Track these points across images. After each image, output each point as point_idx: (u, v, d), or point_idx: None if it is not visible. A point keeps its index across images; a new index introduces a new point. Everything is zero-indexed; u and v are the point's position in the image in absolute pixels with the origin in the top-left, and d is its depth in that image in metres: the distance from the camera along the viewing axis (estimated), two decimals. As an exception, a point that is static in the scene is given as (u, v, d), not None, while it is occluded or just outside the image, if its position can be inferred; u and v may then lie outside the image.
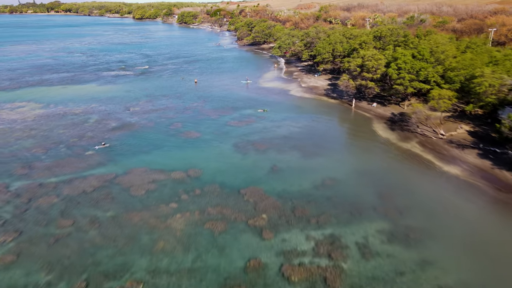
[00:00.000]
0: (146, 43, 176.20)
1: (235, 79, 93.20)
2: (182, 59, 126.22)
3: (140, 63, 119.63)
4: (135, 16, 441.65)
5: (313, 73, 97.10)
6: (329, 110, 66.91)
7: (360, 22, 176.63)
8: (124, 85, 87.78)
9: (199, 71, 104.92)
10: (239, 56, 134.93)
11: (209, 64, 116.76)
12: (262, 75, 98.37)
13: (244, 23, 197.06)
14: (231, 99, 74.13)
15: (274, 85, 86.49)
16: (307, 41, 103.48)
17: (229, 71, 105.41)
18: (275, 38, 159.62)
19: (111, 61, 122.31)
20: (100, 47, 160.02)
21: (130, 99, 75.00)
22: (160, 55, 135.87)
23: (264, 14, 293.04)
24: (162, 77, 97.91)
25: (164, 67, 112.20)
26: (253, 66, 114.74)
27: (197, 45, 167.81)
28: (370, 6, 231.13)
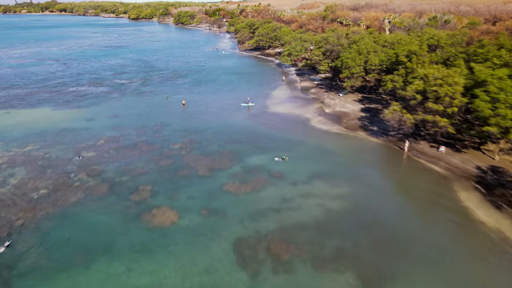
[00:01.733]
0: (134, 48, 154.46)
1: (234, 100, 71.46)
2: (172, 69, 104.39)
3: (119, 74, 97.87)
4: (130, 16, 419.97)
5: (336, 91, 75.38)
6: (374, 159, 45.11)
7: (375, 24, 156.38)
8: (88, 109, 66.03)
9: (189, 87, 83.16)
10: (239, 64, 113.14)
11: (203, 76, 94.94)
12: (270, 93, 76.63)
13: (246, 24, 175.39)
14: (229, 135, 52.44)
15: (287, 110, 64.75)
16: (326, 48, 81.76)
17: (227, 86, 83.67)
18: (281, 42, 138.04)
19: (85, 71, 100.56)
20: (79, 53, 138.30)
21: (88, 134, 53.19)
22: (146, 63, 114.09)
23: (267, 14, 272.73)
24: (142, 95, 76.10)
25: (147, 80, 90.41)
26: (257, 78, 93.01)
27: (192, 50, 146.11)
28: (379, 5, 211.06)
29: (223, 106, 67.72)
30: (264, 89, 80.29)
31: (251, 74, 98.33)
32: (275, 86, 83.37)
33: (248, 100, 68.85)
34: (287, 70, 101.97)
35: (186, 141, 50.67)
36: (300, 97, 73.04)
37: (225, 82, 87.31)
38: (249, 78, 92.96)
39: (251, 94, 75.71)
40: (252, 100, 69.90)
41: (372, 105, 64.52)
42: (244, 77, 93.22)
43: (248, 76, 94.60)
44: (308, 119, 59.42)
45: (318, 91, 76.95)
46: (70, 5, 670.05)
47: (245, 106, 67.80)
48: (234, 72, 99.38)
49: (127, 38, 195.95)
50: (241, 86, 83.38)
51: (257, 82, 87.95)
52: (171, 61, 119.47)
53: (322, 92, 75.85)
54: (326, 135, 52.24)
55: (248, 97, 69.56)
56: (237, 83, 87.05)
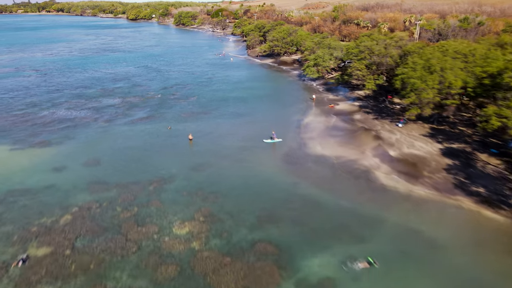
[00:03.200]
0: (130, 54, 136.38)
1: (254, 131, 53.47)
2: (173, 83, 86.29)
3: (108, 90, 79.76)
4: (128, 16, 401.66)
5: (389, 117, 57.43)
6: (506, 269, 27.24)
7: (399, 27, 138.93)
8: (59, 149, 47.93)
9: (196, 110, 65.06)
10: (253, 76, 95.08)
11: (212, 93, 76.80)
12: (300, 121, 58.55)
13: (254, 27, 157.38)
14: (260, 203, 34.32)
15: (332, 150, 46.62)
16: (373, 61, 63.76)
17: (242, 108, 65.60)
18: (298, 47, 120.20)
19: (66, 86, 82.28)
20: (65, 60, 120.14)
21: (49, 202, 34.99)
22: (142, 75, 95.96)
23: (273, 15, 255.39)
24: (137, 123, 57.98)
25: (143, 99, 72.27)
26: (279, 96, 75.04)
27: (195, 56, 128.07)
28: (391, 5, 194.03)
29: (240, 142, 49.70)
30: (291, 114, 62.30)
31: (269, 90, 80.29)
32: (304, 108, 65.33)
33: (274, 134, 50.71)
34: (312, 85, 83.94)
35: (198, 216, 32.63)
36: (343, 127, 54.99)
37: (238, 103, 69.23)
38: (268, 96, 74.93)
39: (276, 121, 57.76)
40: (279, 131, 51.97)
41: (453, 143, 46.44)
42: (261, 95, 75.18)
43: (266, 94, 76.58)
44: (369, 168, 41.34)
45: (364, 117, 58.88)
46: (67, 4, 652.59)
47: (270, 142, 49.84)
48: (248, 87, 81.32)
49: (123, 41, 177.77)
50: (260, 109, 65.35)
51: (280, 103, 69.94)
52: (172, 71, 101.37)
53: (370, 119, 57.79)
54: (411, 204, 34.14)
55: (273, 131, 51.37)
56: (254, 103, 69.02)
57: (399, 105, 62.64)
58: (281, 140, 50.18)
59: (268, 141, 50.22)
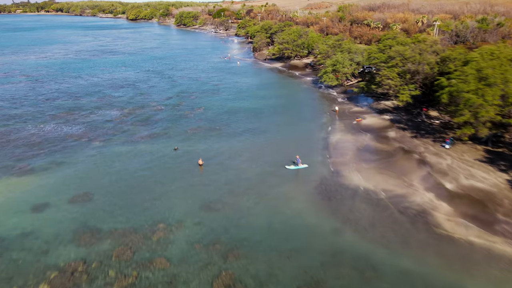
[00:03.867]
0: (129, 57, 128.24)
1: (272, 153, 45.25)
2: (177, 92, 77.99)
3: (104, 100, 71.56)
4: (128, 16, 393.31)
5: (429, 135, 49.30)
6: None
7: (413, 28, 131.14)
8: (42, 178, 39.68)
9: (203, 125, 56.78)
10: (263, 83, 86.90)
11: (220, 104, 68.56)
12: (326, 139, 50.32)
13: (261, 28, 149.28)
14: (299, 268, 26.31)
15: (370, 180, 38.44)
16: (407, 69, 55.54)
17: (256, 123, 57.26)
18: (310, 51, 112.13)
19: (58, 95, 73.99)
20: (60, 64, 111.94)
21: (22, 261, 27.17)
22: (142, 81, 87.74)
23: (277, 15, 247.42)
24: (137, 143, 49.73)
25: (144, 111, 63.93)
26: (295, 108, 66.97)
27: (199, 59, 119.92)
28: (397, 5, 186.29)
29: (258, 168, 41.51)
30: (313, 129, 54.16)
31: (283, 99, 72.14)
32: (326, 122, 57.17)
33: (298, 159, 42.49)
34: (329, 93, 75.77)
35: (219, 286, 24.52)
36: (378, 149, 46.79)
37: (251, 116, 61.05)
38: (283, 107, 66.82)
39: (296, 139, 49.72)
40: (302, 152, 43.85)
41: None
42: (275, 106, 67.07)
43: (281, 104, 68.47)
44: (425, 208, 33.12)
45: (400, 135, 50.64)
46: (66, 4, 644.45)
47: (293, 169, 41.74)
48: (260, 96, 73.18)
49: (122, 43, 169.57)
50: (276, 124, 57.16)
51: (298, 115, 61.82)
52: (175, 76, 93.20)
53: (408, 137, 49.57)
54: (498, 267, 26.00)
55: (297, 155, 43.13)
56: (269, 116, 60.84)
57: (438, 119, 54.48)
58: (306, 166, 42.03)
59: (291, 167, 42.05)
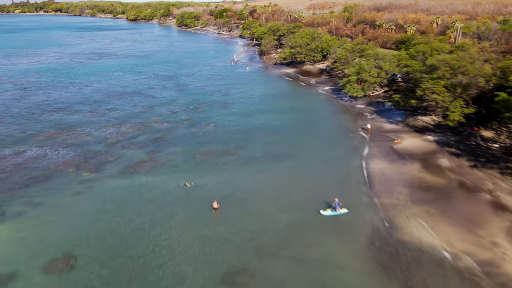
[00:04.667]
0: (127, 61, 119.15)
1: (300, 189, 36.09)
2: (180, 104, 68.71)
3: (97, 115, 62.47)
4: (128, 17, 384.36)
5: (492, 163, 40.29)
6: None
7: (431, 29, 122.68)
8: (10, 232, 30.37)
9: (214, 148, 47.28)
10: (276, 92, 77.80)
11: (231, 120, 59.18)
12: (363, 168, 41.34)
13: (268, 29, 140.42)
14: None
15: (437, 237, 29.54)
16: (457, 81, 46.48)
17: (274, 145, 48.14)
18: (325, 55, 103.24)
19: (45, 109, 64.46)
20: (52, 69, 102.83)
21: None
22: (139, 92, 78.41)
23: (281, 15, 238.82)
24: (132, 176, 40.55)
25: (144, 131, 54.83)
26: (318, 124, 57.93)
27: (203, 63, 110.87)
28: (404, 6, 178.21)
29: (287, 214, 32.32)
30: (344, 154, 45.16)
31: (302, 113, 63.07)
32: (359, 145, 48.05)
33: (337, 202, 33.32)
34: (353, 105, 66.71)
35: None
36: (432, 183, 37.59)
37: (269, 135, 51.92)
38: (304, 123, 57.79)
39: (326, 168, 40.75)
40: (336, 186, 34.98)
41: None
42: (294, 121, 58.05)
43: (301, 119, 59.45)
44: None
45: (455, 163, 41.51)
46: (66, 4, 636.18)
47: (330, 215, 32.72)
48: (275, 110, 64.05)
49: (121, 45, 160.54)
50: (299, 146, 48.04)
51: (323, 134, 52.77)
52: (178, 85, 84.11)
53: (465, 166, 40.42)
54: None
55: (336, 198, 33.97)
56: (289, 136, 51.74)
57: (496, 142, 45.48)
58: (347, 211, 32.99)
59: (328, 213, 32.97)
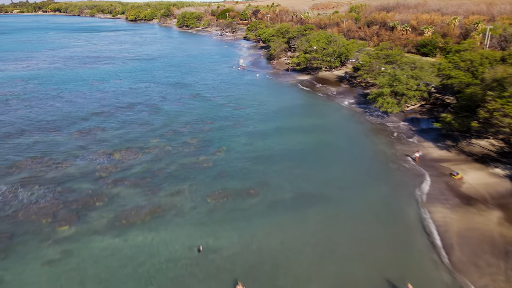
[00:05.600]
0: (124, 66, 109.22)
1: (347, 256, 26.31)
2: (184, 122, 58.59)
3: (86, 137, 52.34)
4: (128, 17, 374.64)
5: None
6: None
7: (453, 31, 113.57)
8: None
9: (229, 186, 37.10)
10: (293, 106, 67.76)
11: (246, 143, 48.92)
12: (426, 221, 31.42)
13: (276, 31, 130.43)
14: None
15: None
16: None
17: (303, 181, 38.34)
18: (343, 61, 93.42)
19: (24, 128, 54.40)
20: (41, 77, 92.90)
21: None
22: (136, 105, 68.25)
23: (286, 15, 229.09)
24: (126, 232, 30.58)
25: (136, 156, 44.72)
26: (349, 149, 47.89)
27: (207, 70, 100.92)
28: (412, 6, 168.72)
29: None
30: (395, 198, 35.18)
31: (328, 134, 52.94)
32: (410, 182, 38.13)
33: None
34: (386, 123, 56.78)
35: None
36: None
37: (294, 167, 41.79)
38: (333, 148, 47.75)
39: (375, 221, 30.85)
40: (400, 260, 25.07)
41: None
42: (320, 146, 48.01)
43: (328, 143, 49.38)
44: None
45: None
46: (65, 4, 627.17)
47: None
48: (296, 130, 53.92)
49: (119, 48, 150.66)
50: (333, 183, 38.07)
51: (358, 166, 42.71)
52: (181, 97, 74.01)
53: None
54: None
55: (408, 283, 23.93)
56: (319, 169, 41.65)
57: None
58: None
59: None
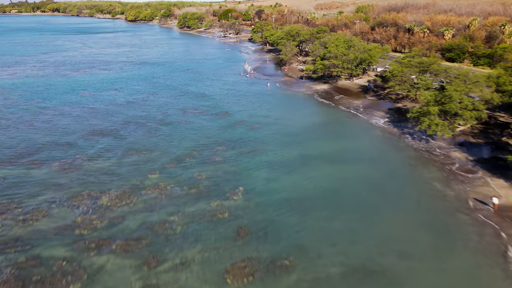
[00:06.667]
0: (121, 73, 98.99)
1: None
2: (188, 150, 48.19)
3: (67, 171, 41.97)
4: (127, 17, 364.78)
5: None
6: None
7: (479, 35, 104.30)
8: None
9: (253, 259, 26.78)
10: (314, 123, 57.53)
11: (267, 179, 38.42)
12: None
13: (286, 34, 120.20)
14: None
15: None
16: None
17: (349, 248, 27.96)
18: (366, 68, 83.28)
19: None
20: (27, 85, 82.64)
21: None
22: (131, 126, 58.04)
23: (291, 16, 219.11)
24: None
25: (129, 201, 34.54)
26: (396, 190, 37.67)
27: (212, 78, 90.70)
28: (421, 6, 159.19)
29: None
30: (490, 281, 25.14)
31: (365, 166, 42.54)
32: (495, 247, 28.03)
33: None
34: (432, 149, 46.57)
35: None
36: None
37: (335, 221, 31.71)
38: (376, 189, 37.33)
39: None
40: None
41: None
42: (360, 185, 37.59)
43: (368, 180, 39.00)
44: None
45: None
46: (64, 4, 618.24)
47: None
48: (325, 159, 43.63)
49: (117, 51, 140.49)
50: (392, 247, 27.84)
51: (416, 218, 32.33)
52: (185, 112, 63.75)
53: None
54: None
55: None
56: (366, 224, 31.37)
57: None
58: None
59: None
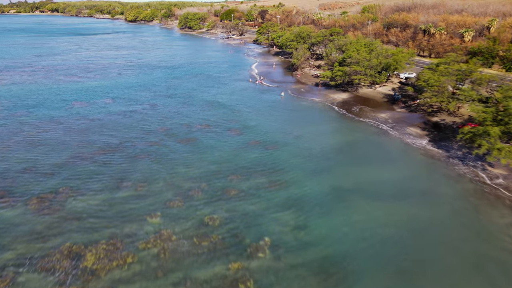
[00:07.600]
0: (118, 80, 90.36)
1: None
2: (196, 182, 39.08)
3: (44, 219, 33.61)
4: (127, 17, 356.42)
5: None
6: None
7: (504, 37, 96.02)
8: None
9: None
10: (337, 142, 48.83)
11: (299, 241, 29.45)
12: None
13: (296, 36, 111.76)
14: None
15: None
16: None
17: None
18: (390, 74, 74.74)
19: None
20: (12, 95, 74.01)
21: None
22: (126, 150, 49.32)
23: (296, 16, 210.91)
24: None
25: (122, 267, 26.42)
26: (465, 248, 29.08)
27: (218, 85, 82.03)
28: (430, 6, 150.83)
29: None
30: None
31: (413, 206, 33.67)
32: None
33: None
34: (490, 180, 38.00)
35: None
36: None
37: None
38: (452, 255, 28.62)
39: None
40: None
41: None
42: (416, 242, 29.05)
43: (425, 232, 30.45)
44: None
45: None
46: (63, 4, 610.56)
47: None
48: (360, 193, 34.95)
49: (114, 54, 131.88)
50: None
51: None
52: (190, 129, 55.09)
53: None
54: None
55: None
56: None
57: None
58: None
59: None
